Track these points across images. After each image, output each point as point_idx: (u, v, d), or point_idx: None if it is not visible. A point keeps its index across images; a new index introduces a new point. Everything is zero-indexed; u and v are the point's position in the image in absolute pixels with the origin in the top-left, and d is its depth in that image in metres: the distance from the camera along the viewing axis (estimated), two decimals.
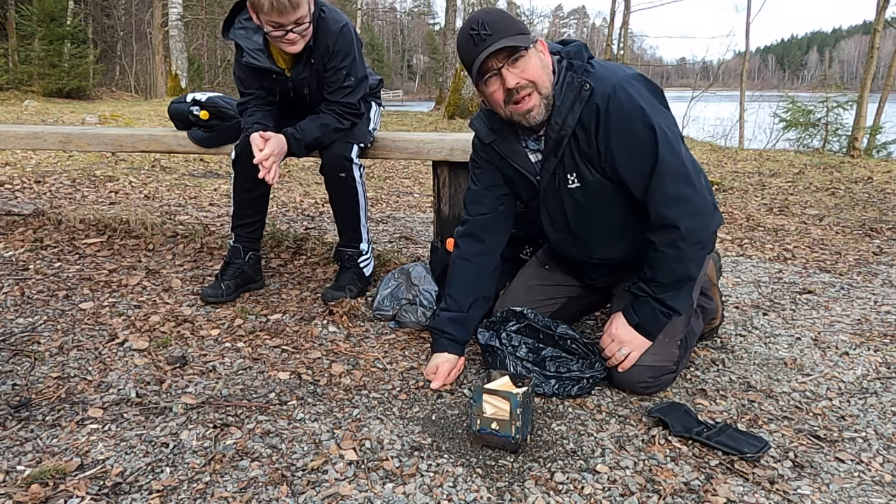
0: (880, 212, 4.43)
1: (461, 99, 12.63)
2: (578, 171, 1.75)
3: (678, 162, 1.68)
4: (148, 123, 9.48)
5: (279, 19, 2.08)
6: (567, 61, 1.73)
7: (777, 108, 11.16)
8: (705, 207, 1.72)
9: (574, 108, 1.69)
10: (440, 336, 1.93)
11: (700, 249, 1.74)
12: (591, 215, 1.83)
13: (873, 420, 1.73)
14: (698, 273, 1.79)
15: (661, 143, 1.65)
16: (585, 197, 1.78)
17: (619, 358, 1.81)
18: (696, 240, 1.71)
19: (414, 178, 6.00)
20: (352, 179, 2.40)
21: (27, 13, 20.02)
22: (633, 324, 1.80)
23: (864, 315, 2.50)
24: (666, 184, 1.68)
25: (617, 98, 1.65)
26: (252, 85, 2.39)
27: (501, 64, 1.63)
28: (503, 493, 1.39)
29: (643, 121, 1.65)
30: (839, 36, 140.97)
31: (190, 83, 19.23)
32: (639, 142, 1.66)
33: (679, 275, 1.75)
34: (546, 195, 1.84)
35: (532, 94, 1.66)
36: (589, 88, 1.67)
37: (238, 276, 2.49)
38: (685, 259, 1.73)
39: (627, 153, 1.68)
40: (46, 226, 3.25)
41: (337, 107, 2.36)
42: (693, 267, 1.75)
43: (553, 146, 1.75)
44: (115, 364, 1.94)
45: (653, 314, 1.77)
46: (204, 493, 1.37)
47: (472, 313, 1.95)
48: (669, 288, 1.75)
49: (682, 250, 1.71)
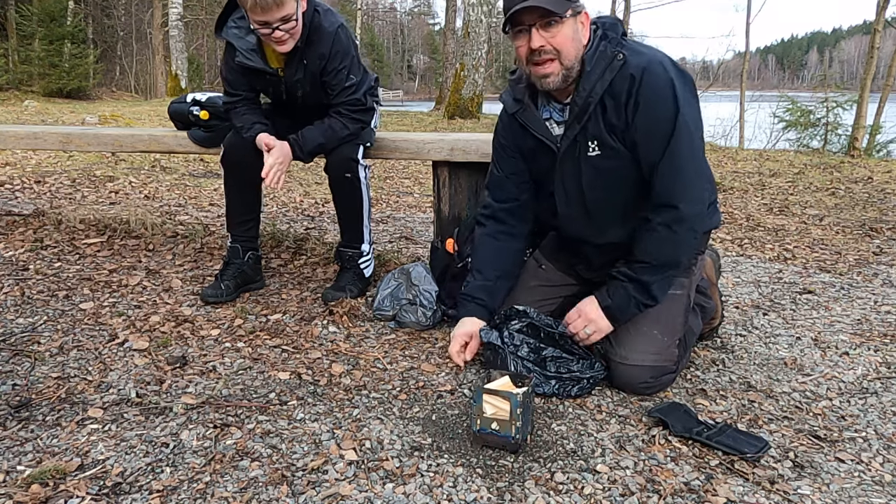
0: (880, 212, 4.43)
1: (461, 99, 12.62)
2: (601, 139, 1.76)
3: (692, 147, 1.71)
4: (148, 123, 9.49)
5: (263, 17, 2.07)
6: (602, 31, 1.75)
7: (777, 109, 11.15)
8: (702, 198, 1.77)
9: (605, 76, 1.70)
10: (470, 301, 1.98)
11: (693, 237, 1.76)
12: (606, 187, 1.83)
13: (873, 420, 1.73)
14: (684, 261, 1.81)
15: (680, 124, 1.67)
16: (604, 166, 1.79)
17: (582, 336, 1.84)
18: (691, 226, 1.74)
19: (414, 178, 6.00)
20: (356, 180, 2.40)
21: (27, 13, 20.02)
22: (604, 306, 1.81)
23: (864, 315, 2.50)
24: (676, 163, 1.70)
25: (652, 71, 1.67)
26: (241, 86, 2.38)
27: (533, 23, 1.65)
28: (503, 493, 1.39)
29: (672, 98, 1.67)
30: (839, 36, 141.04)
31: (190, 83, 19.25)
32: (662, 116, 1.68)
33: (667, 257, 1.76)
34: (564, 163, 1.85)
35: (554, 61, 1.68)
36: (622, 59, 1.69)
37: (238, 276, 2.49)
38: (678, 242, 1.74)
39: (648, 124, 1.70)
40: (46, 226, 3.25)
41: (344, 108, 2.34)
42: (682, 253, 1.77)
43: (578, 113, 1.75)
44: (115, 364, 1.94)
45: (626, 301, 1.79)
46: (204, 493, 1.37)
47: (499, 284, 2.01)
48: (655, 271, 1.76)
49: (676, 233, 1.73)
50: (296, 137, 2.30)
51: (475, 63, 12.31)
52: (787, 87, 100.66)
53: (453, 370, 1.96)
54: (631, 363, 1.80)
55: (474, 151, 2.48)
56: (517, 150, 1.95)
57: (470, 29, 12.06)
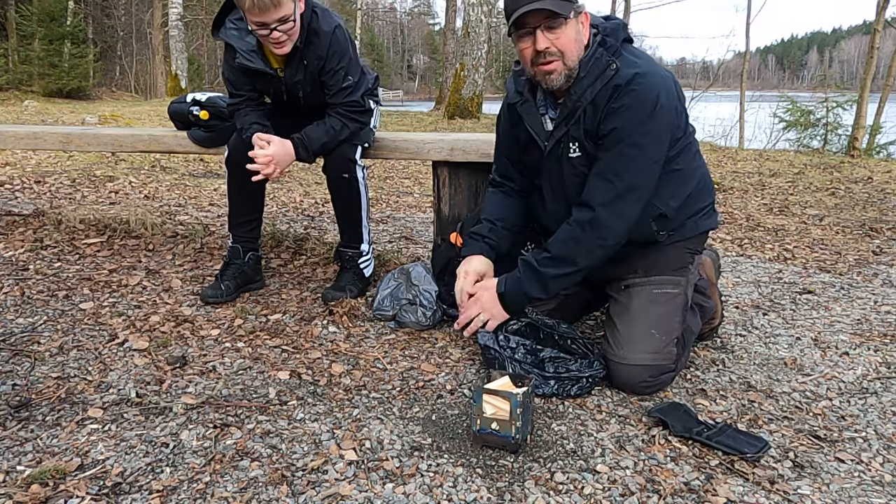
0: (880, 212, 4.43)
1: (461, 99, 12.62)
2: (581, 142, 1.78)
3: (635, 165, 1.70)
4: (148, 123, 9.48)
5: (261, 18, 2.08)
6: (602, 37, 1.75)
7: (777, 109, 11.15)
8: (626, 216, 1.73)
9: (595, 83, 1.71)
10: (479, 240, 1.99)
11: (600, 246, 1.75)
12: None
13: (873, 420, 1.73)
14: (583, 266, 1.77)
15: (633, 140, 1.68)
16: (583, 168, 1.80)
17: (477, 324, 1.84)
18: (601, 234, 1.73)
19: (414, 178, 5.99)
20: (354, 180, 2.40)
21: (27, 13, 20.02)
22: (499, 292, 1.83)
23: (864, 315, 2.50)
24: (610, 170, 1.71)
25: (634, 83, 1.67)
26: (243, 87, 2.38)
27: (538, 24, 1.66)
28: (503, 493, 1.39)
29: (640, 113, 1.67)
30: (839, 36, 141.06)
31: (190, 83, 19.25)
32: (620, 126, 1.69)
33: (566, 253, 1.76)
34: (549, 161, 1.87)
35: (557, 61, 1.69)
36: (615, 69, 1.69)
37: (238, 276, 2.49)
38: (581, 242, 1.75)
39: (608, 130, 1.71)
40: (46, 226, 3.25)
41: (342, 108, 2.35)
42: (582, 256, 1.76)
43: (567, 115, 1.77)
44: (115, 364, 1.94)
45: (518, 290, 1.80)
46: (204, 493, 1.37)
47: (507, 231, 2.03)
48: (553, 263, 1.77)
49: (584, 233, 1.74)
50: (301, 137, 2.30)
51: (475, 63, 12.31)
52: (787, 87, 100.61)
53: (453, 370, 1.96)
54: (629, 363, 1.80)
55: (474, 151, 2.48)
56: (514, 139, 1.98)
57: (470, 29, 12.06)
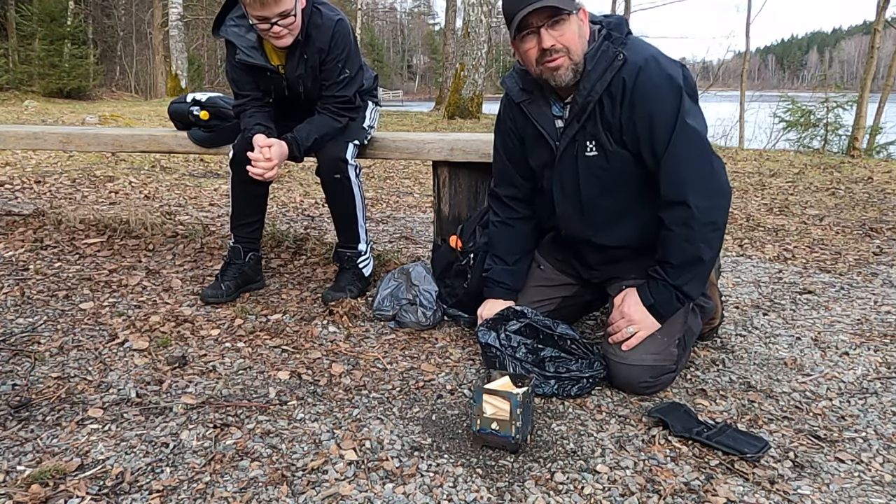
0: (880, 212, 4.43)
1: (461, 99, 12.63)
2: (598, 140, 1.77)
3: (693, 140, 1.69)
4: (148, 123, 9.49)
5: (262, 12, 2.08)
6: (606, 31, 1.75)
7: (777, 109, 11.15)
8: (719, 188, 1.72)
9: (604, 76, 1.71)
10: (495, 285, 2.07)
11: (713, 230, 1.72)
12: (602, 187, 1.83)
13: (873, 420, 1.73)
14: (711, 256, 1.76)
15: (680, 118, 1.67)
16: (601, 167, 1.79)
17: (624, 335, 1.81)
18: (707, 220, 1.70)
19: (414, 178, 5.99)
20: (347, 181, 2.40)
21: (27, 13, 20.03)
22: (648, 304, 1.80)
23: (864, 315, 2.50)
24: (678, 158, 1.69)
25: (648, 68, 1.68)
26: (247, 86, 2.39)
27: (542, 23, 1.66)
28: (503, 493, 1.39)
29: (669, 93, 1.67)
30: (839, 36, 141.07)
31: (190, 83, 19.26)
32: (659, 111, 1.68)
33: (689, 255, 1.74)
34: (562, 161, 1.85)
35: (563, 57, 1.69)
36: (622, 58, 1.69)
37: (238, 276, 2.49)
38: (695, 239, 1.71)
39: (646, 121, 1.70)
40: (46, 226, 3.25)
41: (332, 103, 2.35)
42: (704, 248, 1.73)
43: (578, 112, 1.76)
44: (115, 364, 1.94)
45: (668, 297, 1.78)
46: (204, 493, 1.37)
47: (519, 266, 2.10)
48: (681, 271, 1.75)
49: (693, 229, 1.70)
50: (293, 136, 2.30)
51: (475, 63, 12.32)
52: (787, 87, 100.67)
53: (453, 370, 1.96)
54: (630, 363, 1.80)
55: (474, 151, 2.48)
56: (519, 138, 1.96)
57: (470, 29, 12.06)
